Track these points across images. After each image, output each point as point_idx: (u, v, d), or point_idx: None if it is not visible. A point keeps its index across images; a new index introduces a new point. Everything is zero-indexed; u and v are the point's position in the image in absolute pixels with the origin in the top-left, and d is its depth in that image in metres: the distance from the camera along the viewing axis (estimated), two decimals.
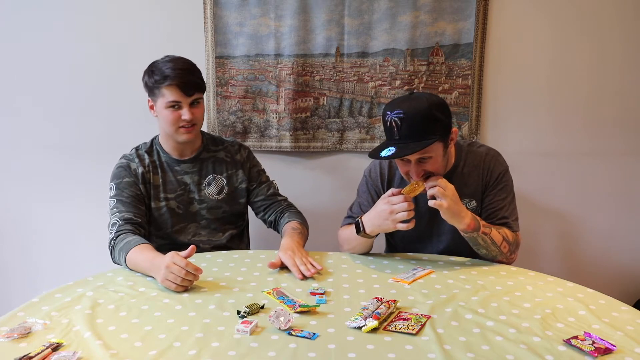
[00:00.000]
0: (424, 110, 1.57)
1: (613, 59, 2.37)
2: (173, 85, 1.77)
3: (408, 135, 1.57)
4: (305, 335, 1.24)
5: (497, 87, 2.38)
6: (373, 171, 1.87)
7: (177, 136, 1.84)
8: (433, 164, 1.62)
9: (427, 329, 1.27)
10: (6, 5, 2.35)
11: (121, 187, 1.82)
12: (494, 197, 1.76)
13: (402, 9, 2.28)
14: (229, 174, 1.96)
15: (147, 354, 1.16)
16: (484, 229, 1.65)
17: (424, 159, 1.61)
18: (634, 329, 1.28)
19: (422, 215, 1.77)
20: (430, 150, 1.59)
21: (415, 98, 1.63)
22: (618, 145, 2.45)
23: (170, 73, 1.77)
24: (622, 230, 2.54)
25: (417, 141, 1.57)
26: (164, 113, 1.81)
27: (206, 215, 1.92)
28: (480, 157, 1.78)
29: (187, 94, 1.79)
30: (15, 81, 2.43)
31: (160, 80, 1.78)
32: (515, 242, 1.74)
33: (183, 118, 1.80)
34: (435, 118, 1.59)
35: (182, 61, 1.84)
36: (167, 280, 1.47)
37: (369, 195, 1.86)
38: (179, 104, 1.79)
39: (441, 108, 1.62)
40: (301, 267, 1.60)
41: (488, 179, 1.76)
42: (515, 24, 2.33)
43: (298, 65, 2.34)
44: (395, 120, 1.58)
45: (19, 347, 1.19)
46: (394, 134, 1.59)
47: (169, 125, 1.82)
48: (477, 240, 1.66)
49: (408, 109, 1.57)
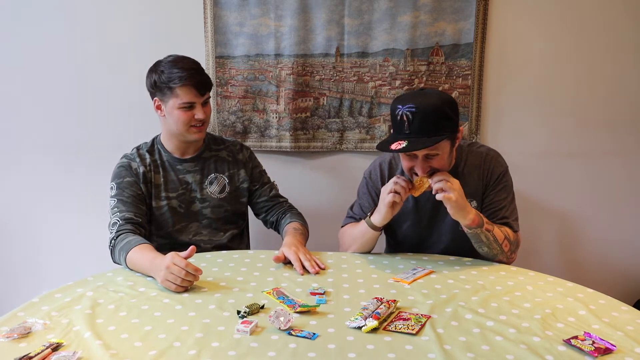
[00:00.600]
0: (436, 106, 1.58)
1: (615, 59, 2.37)
2: (188, 86, 1.77)
3: (419, 130, 1.57)
4: (305, 335, 1.24)
5: (497, 87, 2.38)
6: (373, 173, 1.87)
7: (188, 135, 1.84)
8: (439, 161, 1.63)
9: (427, 329, 1.27)
10: (6, 5, 2.35)
11: (122, 187, 1.82)
12: (495, 197, 1.76)
13: (402, 9, 2.28)
14: (231, 173, 1.96)
15: (147, 354, 1.16)
16: (487, 225, 1.65)
17: (431, 156, 1.62)
18: (634, 329, 1.28)
19: (423, 214, 1.78)
20: (438, 147, 1.60)
21: (428, 94, 1.64)
22: (618, 145, 2.45)
23: (183, 73, 1.76)
24: (622, 230, 2.54)
25: (428, 137, 1.57)
26: (176, 113, 1.80)
27: (208, 215, 1.92)
28: (481, 158, 1.78)
29: (201, 93, 1.80)
30: (15, 81, 2.43)
31: (174, 80, 1.76)
32: (515, 242, 1.75)
33: (197, 118, 1.80)
34: (447, 115, 1.59)
35: (191, 60, 1.83)
36: (167, 281, 1.47)
37: (369, 196, 1.86)
38: (193, 104, 1.79)
39: (452, 106, 1.63)
40: (305, 262, 1.61)
41: (488, 179, 1.77)
42: (515, 24, 2.33)
43: (298, 65, 2.34)
44: (407, 114, 1.57)
45: (19, 347, 1.19)
46: (405, 128, 1.58)
47: (181, 125, 1.81)
48: (480, 237, 1.66)
49: (420, 104, 1.57)
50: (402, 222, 1.84)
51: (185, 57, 1.85)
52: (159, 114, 1.86)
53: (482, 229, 1.64)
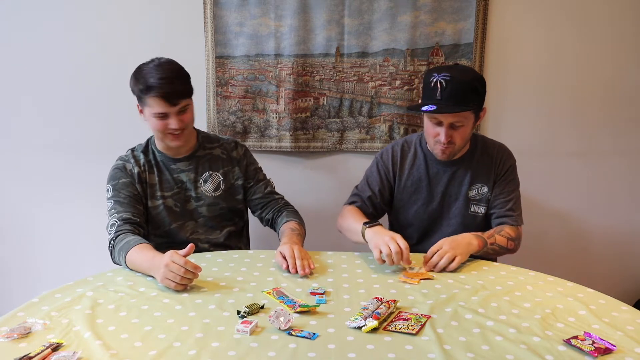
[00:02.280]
0: (469, 79, 1.71)
1: (616, 58, 2.37)
2: (157, 97, 1.73)
3: (449, 97, 1.68)
4: (305, 335, 1.24)
5: (497, 87, 2.38)
6: (385, 154, 1.95)
7: (166, 142, 1.84)
8: (462, 133, 1.74)
9: (427, 329, 1.27)
10: (6, 5, 2.35)
11: (118, 188, 1.82)
12: (505, 187, 1.86)
13: (402, 9, 2.28)
14: (225, 171, 1.95)
15: (147, 354, 1.16)
16: (490, 239, 1.76)
17: (456, 126, 1.73)
18: (634, 329, 1.28)
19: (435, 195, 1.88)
20: (464, 119, 1.71)
21: (462, 68, 1.80)
22: (618, 144, 2.45)
23: (153, 83, 1.71)
24: (622, 230, 2.54)
25: (457, 105, 1.68)
26: (152, 121, 1.79)
27: (203, 213, 1.92)
28: (495, 147, 1.90)
29: (173, 103, 1.75)
30: (15, 81, 2.43)
31: (143, 89, 1.74)
32: (518, 236, 1.85)
33: (170, 127, 1.78)
34: (476, 89, 1.72)
35: (167, 68, 1.76)
36: (167, 279, 1.47)
37: (377, 174, 1.93)
38: (166, 114, 1.76)
39: (482, 82, 1.76)
40: (298, 261, 1.60)
41: (500, 168, 1.87)
42: (515, 24, 2.33)
43: (298, 65, 2.34)
44: (441, 82, 1.69)
45: (19, 347, 1.19)
46: (436, 95, 1.69)
47: (158, 133, 1.82)
48: (489, 252, 1.77)
49: (455, 74, 1.70)
50: (412, 202, 1.91)
51: (166, 63, 1.78)
52: (143, 118, 1.84)
53: (488, 246, 1.75)
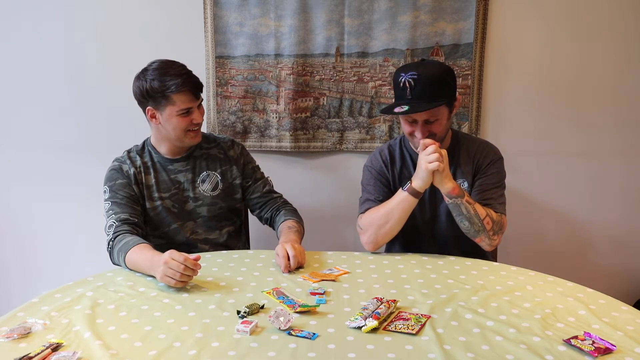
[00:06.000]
0: (436, 73, 1.71)
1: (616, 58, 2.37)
2: (185, 92, 1.76)
3: (420, 96, 1.68)
4: (305, 335, 1.24)
5: (497, 87, 2.38)
6: (374, 161, 1.93)
7: (185, 141, 1.84)
8: (438, 126, 1.74)
9: (427, 329, 1.27)
10: (6, 5, 2.35)
11: (115, 189, 1.82)
12: (485, 180, 1.83)
13: (402, 9, 2.28)
14: (223, 170, 1.95)
15: (147, 354, 1.16)
16: (468, 198, 1.72)
17: (431, 121, 1.73)
18: (634, 329, 1.28)
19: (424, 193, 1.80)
20: (438, 113, 1.71)
21: (428, 63, 1.79)
22: (618, 144, 2.45)
23: (177, 80, 1.74)
24: (622, 230, 2.54)
25: (428, 102, 1.68)
26: (174, 121, 1.79)
27: (202, 213, 1.92)
28: (476, 143, 1.89)
29: (197, 96, 1.80)
30: (15, 81, 2.43)
31: (169, 87, 1.74)
32: (499, 223, 1.77)
33: (195, 122, 1.81)
34: (446, 82, 1.72)
35: (179, 65, 1.81)
36: (166, 277, 1.46)
37: (376, 180, 1.90)
38: (190, 109, 1.79)
39: (451, 74, 1.76)
40: (292, 259, 1.61)
41: (481, 162, 1.84)
42: (515, 24, 2.33)
43: (298, 65, 2.34)
44: (409, 81, 1.68)
45: (19, 347, 1.19)
46: (407, 94, 1.69)
47: (179, 132, 1.81)
48: (460, 209, 1.71)
49: (422, 71, 1.69)
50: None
51: (172, 61, 1.81)
52: (153, 123, 1.83)
53: (463, 199, 1.70)
